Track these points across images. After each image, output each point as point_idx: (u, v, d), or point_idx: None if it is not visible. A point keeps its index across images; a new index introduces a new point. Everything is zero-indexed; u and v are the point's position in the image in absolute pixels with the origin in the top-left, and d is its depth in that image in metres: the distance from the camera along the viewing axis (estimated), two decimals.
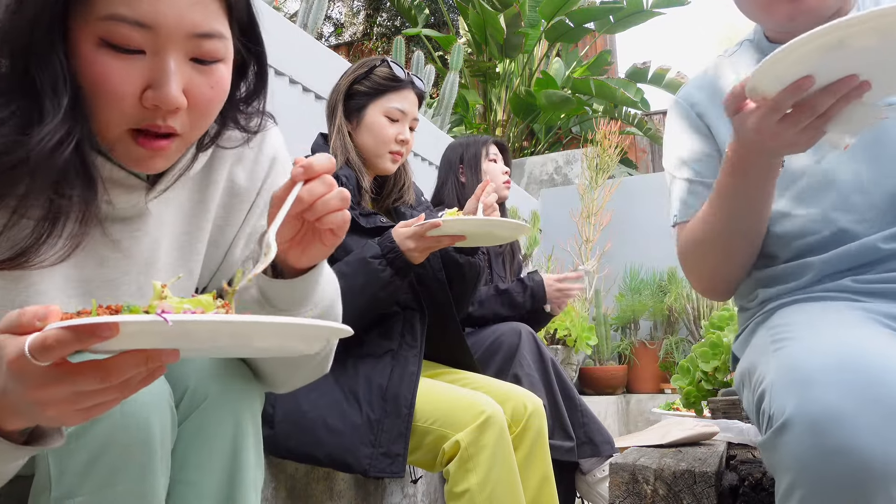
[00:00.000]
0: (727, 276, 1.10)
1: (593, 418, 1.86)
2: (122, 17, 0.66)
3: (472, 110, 6.88)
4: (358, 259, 1.43)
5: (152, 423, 0.74)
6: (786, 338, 0.85)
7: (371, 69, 1.63)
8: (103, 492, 0.72)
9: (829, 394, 0.68)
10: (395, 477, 1.35)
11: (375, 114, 1.60)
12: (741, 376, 1.01)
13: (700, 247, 1.07)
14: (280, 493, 1.41)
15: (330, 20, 9.96)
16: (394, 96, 1.61)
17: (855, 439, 0.66)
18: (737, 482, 1.03)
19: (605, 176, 4.56)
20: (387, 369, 1.42)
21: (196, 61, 0.72)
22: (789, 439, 0.70)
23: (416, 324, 1.53)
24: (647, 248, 4.70)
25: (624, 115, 6.31)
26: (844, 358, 0.71)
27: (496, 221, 1.41)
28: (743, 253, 1.06)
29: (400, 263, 1.41)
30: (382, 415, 1.36)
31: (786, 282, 1.04)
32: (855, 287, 0.96)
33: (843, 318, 0.87)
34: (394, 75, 1.62)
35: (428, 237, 1.39)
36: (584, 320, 3.56)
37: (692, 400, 1.90)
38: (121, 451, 0.72)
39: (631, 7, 6.10)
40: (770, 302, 1.05)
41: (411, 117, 1.64)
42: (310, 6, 3.32)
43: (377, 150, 1.60)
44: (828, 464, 0.67)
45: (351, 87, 1.63)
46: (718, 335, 1.86)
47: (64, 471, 0.72)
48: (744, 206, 0.98)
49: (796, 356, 0.76)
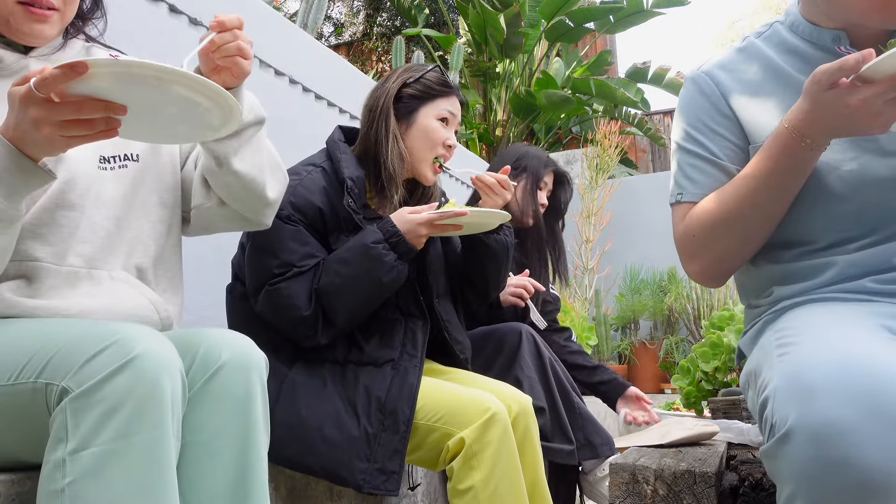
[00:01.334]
0: (735, 261, 1.08)
1: (591, 420, 1.86)
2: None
3: (472, 110, 6.88)
4: (359, 245, 1.42)
5: (163, 382, 0.83)
6: (791, 342, 0.84)
7: (422, 73, 1.63)
8: (117, 443, 0.79)
9: (831, 404, 0.68)
10: (390, 495, 1.34)
11: (428, 117, 1.60)
12: (747, 376, 1.00)
13: (717, 228, 1.03)
14: (280, 493, 1.41)
15: (330, 20, 9.95)
16: (445, 101, 1.62)
17: (857, 451, 0.65)
18: (737, 482, 1.03)
19: (605, 176, 4.56)
20: (386, 380, 1.41)
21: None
22: (791, 449, 0.69)
23: (417, 332, 1.51)
24: (647, 248, 4.70)
25: (624, 115, 6.31)
26: (848, 367, 0.70)
27: (498, 214, 1.48)
28: (760, 239, 1.04)
29: (403, 248, 1.42)
30: (380, 429, 1.36)
31: (804, 280, 1.02)
32: (874, 288, 0.95)
33: (852, 324, 0.85)
34: (446, 81, 1.63)
35: (437, 225, 1.43)
36: (584, 320, 3.56)
37: (692, 400, 1.90)
38: (134, 405, 0.80)
39: (631, 7, 6.09)
40: (784, 300, 1.03)
41: (457, 123, 1.65)
42: (310, 6, 3.32)
43: (425, 154, 1.59)
44: (829, 475, 0.66)
45: (400, 90, 1.62)
46: (718, 335, 1.86)
47: (79, 423, 0.79)
48: (778, 190, 0.97)
49: (800, 364, 0.75)
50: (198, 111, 0.86)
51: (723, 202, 1.02)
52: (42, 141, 0.83)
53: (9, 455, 0.94)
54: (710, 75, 1.12)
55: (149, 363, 0.82)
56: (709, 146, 1.08)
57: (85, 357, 0.82)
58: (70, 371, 0.82)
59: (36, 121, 0.80)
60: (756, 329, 1.07)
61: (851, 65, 0.83)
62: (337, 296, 1.41)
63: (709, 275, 1.10)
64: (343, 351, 1.46)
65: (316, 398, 1.39)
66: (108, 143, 1.11)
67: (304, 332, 1.42)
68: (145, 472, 0.80)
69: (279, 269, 1.42)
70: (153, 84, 0.79)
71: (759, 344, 0.99)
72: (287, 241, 1.42)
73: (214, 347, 0.95)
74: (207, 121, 0.89)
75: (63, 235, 1.03)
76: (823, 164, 1.00)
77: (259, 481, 0.94)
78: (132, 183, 1.13)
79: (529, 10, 6.37)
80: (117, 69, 0.76)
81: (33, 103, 0.80)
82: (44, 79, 0.77)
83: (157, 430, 0.81)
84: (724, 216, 1.02)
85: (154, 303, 1.09)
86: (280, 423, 1.35)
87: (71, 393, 0.80)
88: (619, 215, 4.70)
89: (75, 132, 0.82)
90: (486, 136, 6.78)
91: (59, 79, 0.76)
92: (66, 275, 1.03)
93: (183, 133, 0.97)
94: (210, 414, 0.92)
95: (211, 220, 1.23)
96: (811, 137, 0.91)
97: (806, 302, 0.99)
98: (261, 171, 1.15)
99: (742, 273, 1.15)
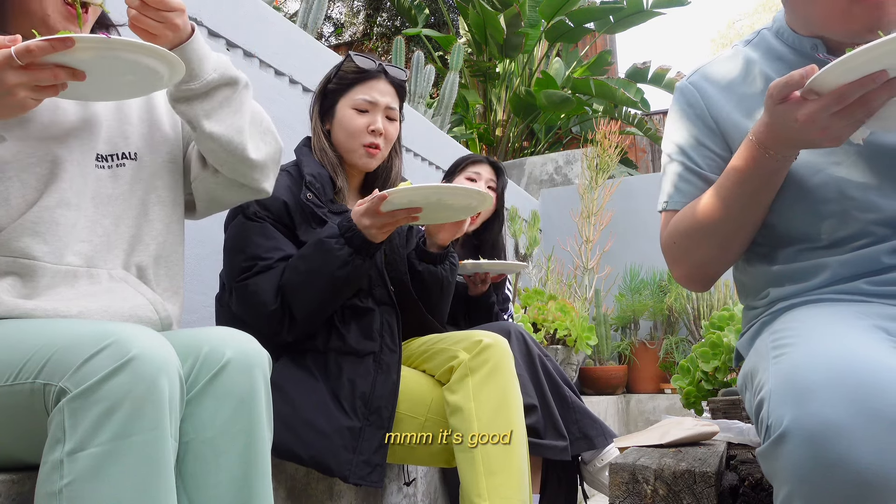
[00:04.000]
0: (716, 267, 1.10)
1: (586, 413, 1.86)
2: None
3: (472, 110, 6.88)
4: (315, 241, 1.43)
5: (161, 382, 0.83)
6: (786, 344, 0.84)
7: (339, 66, 1.63)
8: (115, 443, 0.79)
9: (826, 406, 0.68)
10: (375, 486, 1.36)
11: (344, 108, 1.60)
12: (744, 378, 1.01)
13: (693, 236, 1.06)
14: (280, 493, 1.41)
15: (330, 20, 9.96)
16: (360, 88, 1.59)
17: (852, 452, 0.65)
18: (737, 482, 1.03)
19: (605, 176, 4.56)
20: (369, 375, 1.43)
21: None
22: (786, 451, 0.69)
23: (393, 323, 1.52)
24: (647, 248, 4.70)
25: (624, 115, 6.31)
26: (843, 369, 0.71)
27: (445, 188, 1.38)
28: (737, 245, 1.06)
29: (358, 241, 1.39)
30: (365, 423, 1.38)
31: (799, 281, 1.03)
32: (868, 289, 0.95)
33: (847, 325, 0.85)
34: (359, 67, 1.60)
35: (383, 213, 1.37)
36: (584, 320, 3.56)
37: (692, 400, 1.90)
38: (132, 406, 0.80)
39: (631, 7, 6.10)
40: (780, 302, 1.04)
41: (383, 106, 1.60)
42: (310, 6, 3.32)
43: (350, 144, 1.59)
44: (825, 476, 0.66)
45: (325, 88, 1.64)
46: (718, 335, 1.86)
47: (77, 424, 0.79)
48: (750, 198, 0.98)
49: (795, 366, 0.76)
50: (143, 70, 0.96)
51: (699, 211, 1.05)
52: (15, 104, 0.89)
53: (8, 455, 0.94)
54: (696, 86, 1.14)
55: (146, 364, 0.83)
56: (693, 157, 1.11)
57: (83, 357, 0.82)
58: (68, 371, 0.82)
59: (13, 86, 0.86)
60: (753, 331, 1.08)
61: (797, 80, 0.83)
62: (297, 291, 1.42)
63: (693, 279, 1.13)
64: (323, 339, 1.48)
65: (302, 388, 1.40)
66: (105, 142, 1.13)
67: (271, 327, 1.43)
68: (143, 472, 0.80)
69: (246, 263, 1.44)
70: (106, 55, 0.91)
71: (756, 346, 1.00)
72: (253, 237, 1.44)
73: (218, 346, 0.96)
74: (153, 78, 0.99)
75: (61, 234, 1.04)
76: (808, 165, 1.01)
77: (263, 478, 0.94)
78: (130, 181, 1.14)
79: (529, 10, 6.37)
80: (100, 46, 0.88)
81: (11, 69, 0.85)
82: (28, 48, 0.84)
83: (155, 430, 0.81)
84: (700, 224, 1.04)
85: (153, 302, 1.10)
86: None
87: (69, 393, 0.80)
88: (619, 215, 4.70)
89: (44, 95, 0.91)
90: (486, 136, 6.78)
91: (45, 50, 0.84)
92: (64, 273, 1.03)
93: (130, 90, 1.05)
94: (214, 412, 0.92)
95: (211, 191, 1.23)
96: (773, 149, 0.92)
97: (801, 303, 1.00)
98: (239, 132, 1.15)
99: (741, 272, 1.16)
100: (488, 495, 1.33)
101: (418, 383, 1.50)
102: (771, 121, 0.89)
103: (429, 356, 1.53)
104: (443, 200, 1.40)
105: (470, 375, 1.42)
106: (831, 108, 0.81)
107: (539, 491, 1.83)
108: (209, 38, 2.26)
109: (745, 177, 0.97)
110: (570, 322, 3.40)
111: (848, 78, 0.79)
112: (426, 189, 1.33)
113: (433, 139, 3.73)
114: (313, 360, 1.46)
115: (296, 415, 1.37)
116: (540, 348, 1.89)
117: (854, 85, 0.79)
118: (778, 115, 0.87)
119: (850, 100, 0.80)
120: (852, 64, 0.77)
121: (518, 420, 1.42)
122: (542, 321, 3.37)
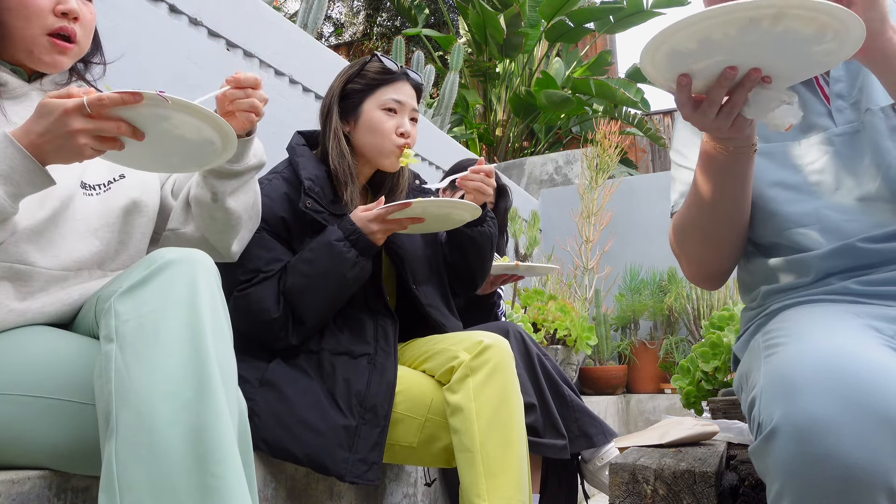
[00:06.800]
0: (715, 265, 1.12)
1: (586, 411, 1.86)
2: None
3: (472, 110, 6.88)
4: (322, 244, 1.44)
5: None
6: (778, 343, 0.86)
7: (363, 66, 1.62)
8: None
9: (814, 402, 0.69)
10: (371, 484, 1.36)
11: (372, 109, 1.58)
12: (739, 379, 1.02)
13: (682, 233, 1.11)
14: (280, 493, 1.41)
15: (330, 20, 9.96)
16: (388, 89, 1.59)
17: (840, 447, 0.66)
18: (737, 482, 1.03)
19: (605, 176, 4.56)
20: (365, 375, 1.43)
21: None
22: (776, 447, 0.70)
23: (388, 330, 1.53)
24: (647, 248, 4.71)
25: (624, 115, 6.31)
26: (831, 365, 0.71)
27: (458, 204, 1.44)
28: (727, 242, 1.08)
29: (363, 244, 1.44)
30: (360, 422, 1.38)
31: (787, 279, 1.04)
32: (858, 289, 0.96)
33: (837, 324, 0.87)
34: (385, 68, 1.60)
35: (390, 220, 1.43)
36: (584, 320, 3.55)
37: (692, 400, 1.91)
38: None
39: (631, 7, 6.10)
40: (772, 302, 1.05)
41: (409, 108, 1.61)
42: (310, 6, 3.32)
43: (381, 146, 1.57)
44: (814, 472, 0.67)
45: (345, 88, 1.61)
46: (718, 335, 1.86)
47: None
48: (719, 194, 1.01)
49: (784, 364, 0.77)
50: (203, 143, 0.99)
51: (684, 211, 1.09)
52: (73, 149, 0.91)
53: (45, 454, 0.95)
54: None
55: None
56: (693, 160, 1.13)
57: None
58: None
59: (76, 131, 0.89)
60: (749, 332, 1.09)
61: None
62: (304, 295, 1.43)
63: (698, 278, 1.17)
64: (316, 341, 1.49)
65: (297, 387, 1.41)
66: (93, 170, 1.15)
67: (275, 334, 1.44)
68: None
69: (245, 276, 1.45)
70: (170, 118, 0.93)
71: (750, 346, 1.01)
72: (252, 249, 1.43)
73: (162, 252, 0.95)
74: (208, 154, 1.03)
75: (57, 244, 1.07)
76: (771, 167, 1.04)
77: (213, 367, 0.87)
78: (120, 199, 1.16)
79: (529, 10, 6.37)
80: (161, 106, 0.90)
81: (80, 116, 0.89)
82: (100, 98, 0.88)
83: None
84: (688, 223, 1.09)
85: None
86: (263, 411, 1.36)
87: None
88: (619, 215, 4.71)
89: (103, 146, 0.93)
90: (486, 136, 6.78)
91: (115, 102, 0.88)
92: (58, 278, 1.06)
93: (180, 163, 1.07)
94: (155, 293, 0.90)
95: (181, 243, 1.24)
96: (707, 143, 0.96)
97: (793, 304, 1.01)
98: (246, 209, 1.24)
99: (741, 270, 1.18)
100: (488, 496, 1.33)
101: (418, 383, 1.50)
102: None
103: (429, 356, 1.53)
104: (451, 214, 1.49)
105: (471, 376, 1.42)
106: (687, 105, 0.87)
107: (539, 491, 1.83)
108: (209, 37, 2.26)
109: (703, 172, 1.01)
110: (570, 322, 3.39)
111: None
112: (443, 203, 1.44)
113: (433, 139, 3.73)
114: (306, 359, 1.46)
115: (291, 414, 1.37)
116: (538, 347, 1.89)
117: (676, 87, 0.85)
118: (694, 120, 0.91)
119: (711, 97, 0.85)
120: None
121: (519, 420, 1.42)
122: (542, 321, 3.37)
